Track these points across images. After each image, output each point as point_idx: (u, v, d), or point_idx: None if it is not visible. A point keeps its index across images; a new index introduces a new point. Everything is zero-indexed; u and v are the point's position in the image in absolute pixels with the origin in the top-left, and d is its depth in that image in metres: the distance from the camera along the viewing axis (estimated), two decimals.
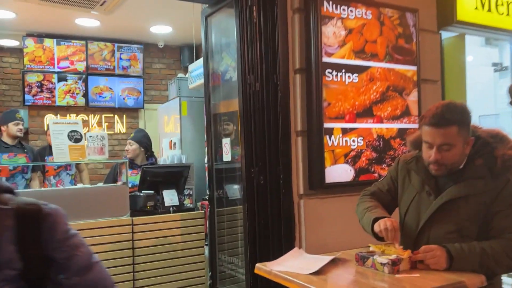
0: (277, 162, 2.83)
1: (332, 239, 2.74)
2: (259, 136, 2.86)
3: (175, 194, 3.42)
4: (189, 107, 5.19)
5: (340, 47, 2.75)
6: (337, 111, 2.75)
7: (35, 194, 2.94)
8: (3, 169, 3.92)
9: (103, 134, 3.26)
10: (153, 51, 6.86)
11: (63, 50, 6.16)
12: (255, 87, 2.87)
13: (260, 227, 2.85)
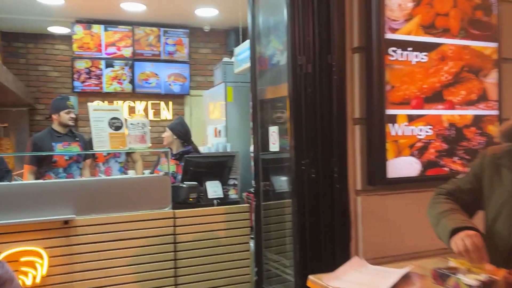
0: (331, 153, 2.53)
1: (394, 242, 2.42)
2: (310, 124, 2.57)
3: (219, 185, 3.20)
4: (234, 93, 4.95)
5: (406, 21, 2.38)
6: (402, 96, 2.39)
7: (75, 184, 2.82)
8: (60, 159, 3.75)
9: (145, 122, 3.08)
10: (199, 35, 6.67)
11: (110, 36, 6.10)
12: (306, 69, 2.57)
13: (311, 226, 2.57)
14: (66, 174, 3.74)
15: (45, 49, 6.53)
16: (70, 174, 3.77)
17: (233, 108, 4.95)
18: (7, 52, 6.40)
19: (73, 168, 3.82)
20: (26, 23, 6.05)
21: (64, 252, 2.64)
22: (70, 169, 3.80)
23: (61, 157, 3.73)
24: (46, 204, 2.64)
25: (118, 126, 3.03)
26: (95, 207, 2.77)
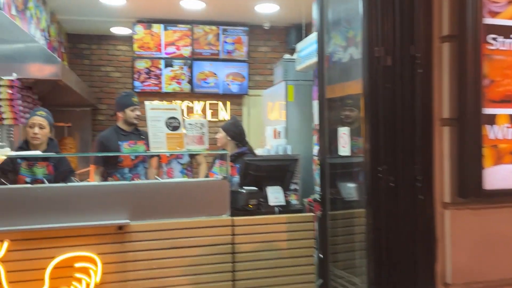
0: (413, 159, 2.18)
1: (491, 266, 2.03)
2: (389, 125, 2.24)
3: (280, 191, 2.94)
4: (295, 92, 4.68)
5: (510, 3, 1.99)
6: (503, 92, 2.00)
7: (130, 187, 2.67)
8: (126, 159, 3.60)
9: (203, 122, 2.89)
10: (258, 33, 6.47)
11: (170, 35, 6.05)
12: (385, 61, 2.23)
13: (388, 243, 2.24)
14: (132, 175, 3.60)
15: (108, 50, 6.62)
16: (136, 174, 3.62)
17: (294, 108, 4.68)
18: (72, 53, 6.56)
19: (139, 168, 3.66)
20: (90, 25, 6.15)
21: (117, 259, 2.50)
22: (136, 169, 3.64)
23: (127, 157, 3.58)
24: (100, 208, 2.52)
25: (176, 126, 2.86)
26: (150, 212, 2.61)
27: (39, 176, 3.15)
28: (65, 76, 3.93)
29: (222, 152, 3.45)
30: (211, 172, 3.56)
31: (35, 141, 3.18)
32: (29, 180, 3.13)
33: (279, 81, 4.90)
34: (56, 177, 3.19)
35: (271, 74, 6.55)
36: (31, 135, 3.17)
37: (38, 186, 2.54)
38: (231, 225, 2.70)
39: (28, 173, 3.18)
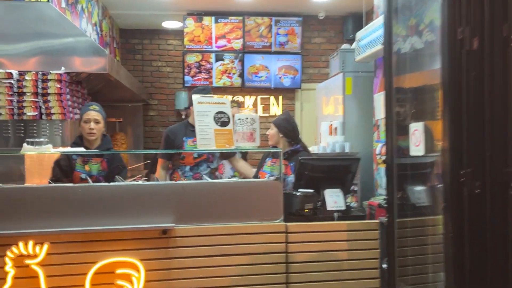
0: (504, 161, 1.82)
1: None
2: (474, 120, 1.88)
3: (340, 195, 2.63)
4: (354, 85, 4.32)
5: None
6: None
7: (175, 188, 2.47)
8: (188, 157, 3.35)
9: (254, 117, 2.64)
10: (313, 23, 6.13)
11: (221, 28, 5.86)
12: (470, 44, 1.87)
13: (472, 259, 1.89)
14: (193, 174, 3.35)
15: (159, 44, 6.54)
16: (197, 173, 3.35)
17: (352, 101, 4.32)
18: (124, 49, 6.55)
19: (202, 167, 3.39)
20: (141, 19, 6.09)
21: (161, 266, 2.31)
22: (198, 168, 3.38)
23: (190, 154, 3.36)
24: (142, 210, 2.33)
25: (225, 121, 2.63)
26: (196, 215, 2.39)
27: (93, 172, 3.08)
28: (113, 69, 3.82)
29: (274, 149, 3.16)
30: (261, 171, 3.29)
31: (91, 137, 3.09)
32: (84, 176, 3.06)
33: (335, 73, 4.55)
34: (109, 173, 3.09)
35: (325, 67, 6.20)
36: (87, 130, 3.08)
37: (78, 185, 2.40)
38: (284, 232, 2.43)
39: (83, 169, 3.10)
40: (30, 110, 3.39)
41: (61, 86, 3.43)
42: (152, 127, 6.49)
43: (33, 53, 3.49)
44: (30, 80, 3.39)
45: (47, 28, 3.54)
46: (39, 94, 3.41)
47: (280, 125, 3.26)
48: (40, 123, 3.43)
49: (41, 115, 3.42)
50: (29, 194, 2.29)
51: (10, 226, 2.22)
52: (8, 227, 2.21)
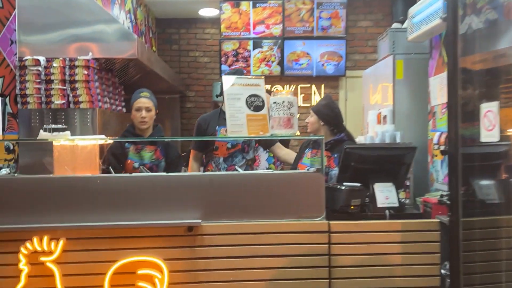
0: None
1: None
2: None
3: (392, 189, 2.27)
4: (405, 68, 3.89)
5: None
6: None
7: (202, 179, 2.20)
8: (221, 147, 3.11)
9: (291, 100, 2.32)
10: (358, 5, 5.70)
11: (259, 13, 5.56)
12: None
13: None
14: (227, 166, 3.10)
15: (196, 33, 6.34)
16: (232, 166, 3.09)
17: (403, 87, 3.89)
18: (161, 39, 6.39)
19: (236, 158, 3.13)
20: (178, 7, 5.89)
21: (186, 267, 2.05)
22: (233, 160, 3.12)
23: (223, 144, 3.11)
24: (166, 204, 2.08)
25: (259, 105, 2.33)
26: (225, 211, 2.11)
27: (146, 161, 2.98)
28: (143, 56, 3.61)
29: (316, 137, 2.82)
30: (301, 164, 2.96)
31: (143, 125, 3.01)
32: (137, 165, 2.95)
33: (384, 56, 4.14)
34: (166, 163, 3.01)
35: (372, 52, 5.76)
36: (139, 119, 3.00)
37: (97, 176, 2.18)
38: (327, 231, 2.10)
39: (136, 157, 3.01)
40: (58, 98, 3.24)
41: (89, 72, 3.25)
42: (190, 119, 6.29)
43: (61, 40, 3.34)
44: (58, 67, 3.24)
45: (75, 13, 3.37)
46: (67, 81, 3.25)
47: (320, 112, 2.92)
48: (68, 112, 3.27)
49: (69, 103, 3.26)
50: (44, 185, 2.09)
51: (24, 220, 2.03)
52: (23, 221, 2.03)
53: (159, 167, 2.99)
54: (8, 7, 3.22)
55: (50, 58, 3.25)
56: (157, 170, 2.96)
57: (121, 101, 4.02)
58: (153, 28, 6.21)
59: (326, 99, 3.01)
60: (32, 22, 3.30)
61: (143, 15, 5.57)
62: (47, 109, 3.24)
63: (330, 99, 2.99)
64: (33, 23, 3.31)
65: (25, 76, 3.22)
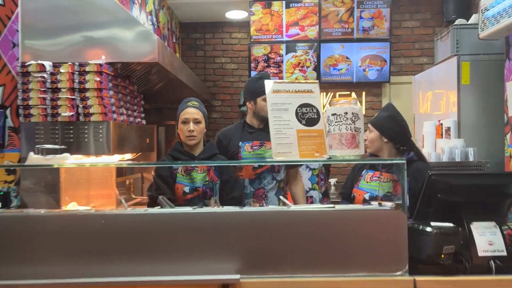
0: None
1: None
2: None
3: (497, 232, 1.67)
4: (473, 72, 3.28)
5: None
6: None
7: (239, 217, 1.64)
8: (246, 167, 2.66)
9: (356, 110, 1.76)
10: (404, 4, 5.10)
11: (293, 14, 5.02)
12: None
13: None
14: (254, 190, 2.58)
15: (223, 38, 5.85)
16: (260, 189, 2.58)
17: (470, 94, 3.28)
18: (185, 44, 5.93)
19: (265, 180, 2.61)
20: (203, 9, 5.43)
21: None
22: (261, 182, 2.60)
23: (248, 167, 2.59)
24: (192, 251, 1.54)
25: (313, 118, 1.78)
26: (272, 261, 1.56)
27: (198, 184, 2.41)
28: (165, 60, 3.11)
29: (394, 161, 2.14)
30: (357, 189, 2.35)
31: (191, 141, 2.46)
32: (188, 189, 2.41)
33: (445, 58, 3.53)
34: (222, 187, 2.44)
35: (420, 56, 5.15)
36: (186, 133, 2.45)
37: (98, 213, 1.65)
38: None
39: (187, 180, 2.43)
40: (65, 109, 2.76)
41: (102, 79, 2.77)
42: (216, 131, 5.76)
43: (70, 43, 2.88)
44: (66, 73, 2.77)
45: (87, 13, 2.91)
46: (76, 90, 2.77)
47: (383, 126, 2.33)
48: (77, 126, 2.79)
49: (78, 115, 2.79)
50: (26, 226, 1.58)
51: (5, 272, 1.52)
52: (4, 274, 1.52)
53: (214, 191, 2.42)
54: (10, 5, 2.78)
55: (57, 63, 2.79)
56: (212, 194, 2.40)
57: (140, 112, 3.53)
58: (177, 33, 5.75)
59: (388, 109, 2.41)
60: (37, 24, 2.85)
61: (166, 18, 5.12)
62: (53, 122, 2.77)
63: (393, 110, 2.40)
64: (38, 24, 2.86)
65: (28, 84, 2.76)
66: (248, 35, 5.65)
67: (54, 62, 2.79)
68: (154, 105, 5.09)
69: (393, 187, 2.20)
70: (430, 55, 5.12)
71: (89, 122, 2.77)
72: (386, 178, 2.21)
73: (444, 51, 3.57)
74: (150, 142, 3.92)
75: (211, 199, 1.96)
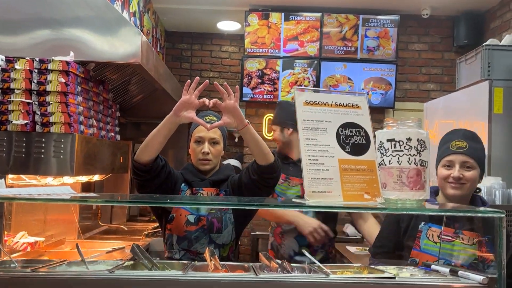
0: None
1: None
2: None
3: None
4: (507, 99, 2.85)
5: None
6: None
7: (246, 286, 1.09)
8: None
9: (423, 135, 1.25)
10: (412, 25, 4.73)
11: (292, 28, 4.57)
12: None
13: None
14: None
15: (212, 51, 5.35)
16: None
17: (503, 124, 2.84)
18: (170, 55, 5.40)
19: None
20: (193, 18, 4.93)
21: None
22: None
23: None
24: None
25: (360, 144, 1.26)
26: None
27: (203, 212, 1.87)
28: (149, 62, 2.57)
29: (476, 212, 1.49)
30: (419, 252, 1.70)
31: (205, 166, 1.95)
32: (193, 219, 1.85)
33: (471, 83, 3.10)
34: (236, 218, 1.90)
35: (426, 82, 4.76)
36: (199, 155, 1.94)
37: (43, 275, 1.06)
38: None
39: (191, 206, 1.88)
40: (17, 116, 2.16)
41: (68, 81, 2.19)
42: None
43: (31, 36, 2.32)
44: (22, 71, 2.18)
45: (56, 2, 2.36)
46: (34, 92, 2.19)
47: (482, 161, 1.76)
48: (32, 138, 2.19)
49: (34, 124, 2.19)
50: None
51: None
52: None
53: (222, 223, 1.86)
54: None
55: (11, 58, 2.20)
56: (220, 227, 1.84)
57: (114, 125, 2.95)
58: (162, 41, 5.22)
59: (480, 140, 1.79)
60: None
61: (150, 23, 4.58)
62: (2, 131, 2.16)
63: (479, 137, 1.83)
64: None
65: None
66: (240, 48, 5.17)
67: (7, 56, 2.21)
68: (131, 119, 4.50)
69: (478, 247, 1.62)
70: (438, 81, 4.74)
71: (49, 134, 2.17)
72: (470, 238, 1.61)
73: (470, 75, 3.14)
74: (124, 161, 3.31)
75: (207, 250, 1.39)
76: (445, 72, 4.73)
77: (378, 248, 1.81)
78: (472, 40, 4.40)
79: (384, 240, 1.81)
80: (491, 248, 1.48)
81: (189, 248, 1.82)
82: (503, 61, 2.85)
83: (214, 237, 1.82)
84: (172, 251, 1.85)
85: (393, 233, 1.77)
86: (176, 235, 1.84)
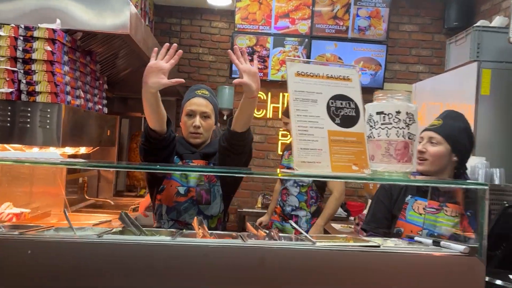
0: None
1: None
2: None
3: None
4: (494, 81, 2.88)
5: None
6: None
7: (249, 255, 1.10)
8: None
9: (412, 109, 1.26)
10: (403, 5, 4.71)
11: (284, 5, 4.52)
12: None
13: None
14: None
15: (202, 26, 5.27)
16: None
17: (489, 106, 2.88)
18: (158, 29, 5.30)
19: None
20: None
21: None
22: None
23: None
24: None
25: (350, 116, 1.27)
26: None
27: (192, 184, 1.87)
28: (138, 33, 2.53)
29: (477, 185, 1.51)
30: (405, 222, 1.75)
31: (195, 139, 1.93)
32: (183, 190, 1.85)
33: (460, 64, 3.12)
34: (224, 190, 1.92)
35: (415, 63, 4.78)
36: (190, 129, 1.92)
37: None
38: None
39: (183, 178, 1.89)
40: (2, 84, 2.12)
41: (54, 50, 2.15)
42: None
43: (18, 2, 2.25)
44: (7, 38, 2.13)
45: None
46: (19, 60, 2.14)
47: (457, 140, 1.79)
48: (17, 107, 2.15)
49: (19, 93, 2.15)
50: None
51: None
52: None
53: (211, 194, 1.86)
54: None
55: None
56: (209, 198, 1.84)
57: (102, 98, 2.92)
58: (150, 15, 5.12)
59: (461, 119, 1.85)
60: None
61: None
62: None
63: (467, 122, 1.86)
64: None
65: None
66: (230, 25, 5.10)
67: None
68: (119, 93, 4.45)
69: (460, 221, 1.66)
70: (427, 63, 4.77)
71: (34, 103, 2.14)
72: (453, 210, 1.65)
73: (459, 56, 3.16)
74: (111, 135, 3.29)
75: (195, 219, 1.40)
76: (434, 54, 4.75)
77: (370, 221, 1.84)
78: (462, 22, 4.40)
79: (374, 212, 1.84)
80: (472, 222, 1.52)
81: (178, 218, 1.83)
82: (493, 43, 2.87)
83: (203, 208, 1.84)
84: (161, 221, 1.86)
85: (384, 206, 1.81)
86: (166, 205, 1.85)
